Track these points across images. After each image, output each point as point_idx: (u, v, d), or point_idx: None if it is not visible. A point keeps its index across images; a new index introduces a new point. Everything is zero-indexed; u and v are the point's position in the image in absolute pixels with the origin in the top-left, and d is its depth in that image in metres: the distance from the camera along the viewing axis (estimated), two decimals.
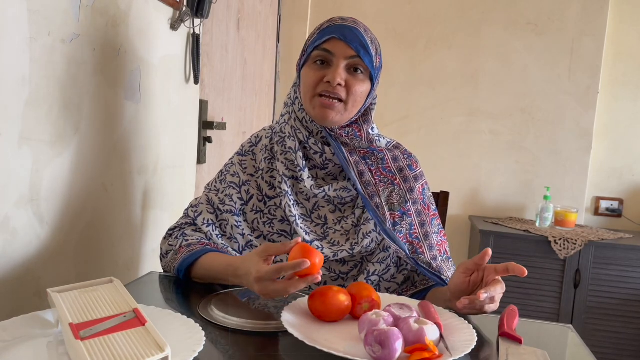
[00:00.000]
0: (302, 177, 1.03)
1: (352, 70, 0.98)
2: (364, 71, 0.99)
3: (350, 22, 1.00)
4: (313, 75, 0.99)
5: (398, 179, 1.06)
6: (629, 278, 2.26)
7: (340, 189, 1.04)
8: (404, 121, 2.74)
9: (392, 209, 1.03)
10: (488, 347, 0.77)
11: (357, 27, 0.99)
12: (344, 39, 0.96)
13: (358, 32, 0.98)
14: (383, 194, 1.03)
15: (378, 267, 1.02)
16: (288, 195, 1.03)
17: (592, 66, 2.56)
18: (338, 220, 1.04)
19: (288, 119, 1.06)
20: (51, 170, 0.99)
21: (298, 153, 1.03)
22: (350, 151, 1.04)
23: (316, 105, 0.99)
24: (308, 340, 0.67)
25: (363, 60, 0.97)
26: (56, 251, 1.02)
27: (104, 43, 1.11)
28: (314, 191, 1.03)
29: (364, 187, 1.03)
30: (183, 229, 1.08)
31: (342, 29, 0.97)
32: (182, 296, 0.95)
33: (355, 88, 0.98)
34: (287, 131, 1.05)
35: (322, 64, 0.99)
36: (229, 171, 1.11)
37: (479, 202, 2.72)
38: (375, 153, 1.06)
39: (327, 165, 1.04)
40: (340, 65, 0.97)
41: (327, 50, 0.97)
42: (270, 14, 2.44)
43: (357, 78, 0.99)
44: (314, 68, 0.99)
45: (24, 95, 0.90)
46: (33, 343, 0.68)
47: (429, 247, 1.05)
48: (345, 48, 0.97)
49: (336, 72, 0.96)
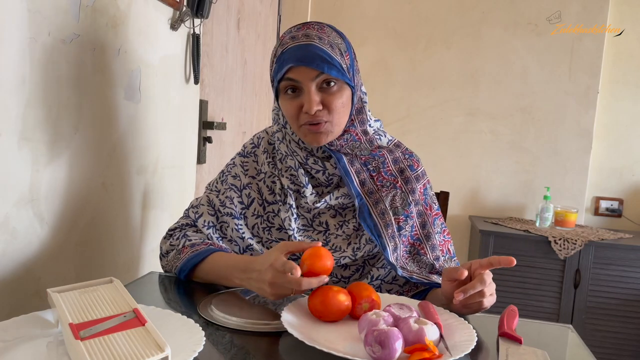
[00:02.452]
0: (305, 194, 1.02)
1: (324, 85, 0.94)
2: (337, 80, 0.94)
3: (302, 39, 0.93)
4: (290, 107, 0.96)
5: (399, 181, 1.05)
6: (629, 278, 2.26)
7: (341, 195, 1.03)
8: (404, 121, 2.74)
9: (397, 213, 1.02)
10: (488, 347, 0.77)
11: (311, 40, 0.92)
12: (301, 63, 0.91)
13: (313, 48, 0.91)
14: (386, 198, 1.03)
15: (382, 272, 1.02)
16: (292, 208, 1.03)
17: (592, 66, 2.56)
18: (339, 225, 1.04)
19: (282, 137, 1.04)
20: (51, 170, 0.99)
21: (299, 170, 1.02)
22: (351, 159, 1.03)
23: (305, 133, 0.97)
24: (308, 340, 0.67)
25: (330, 74, 0.92)
26: (56, 251, 1.02)
27: (104, 43, 1.11)
28: (316, 205, 1.02)
29: (367, 195, 1.02)
30: (184, 229, 1.07)
31: (295, 52, 0.92)
32: (182, 296, 0.95)
33: (333, 105, 0.94)
34: (283, 150, 1.04)
35: (293, 91, 0.95)
36: (230, 172, 1.10)
37: (479, 202, 2.72)
38: (376, 158, 1.05)
39: (331, 181, 1.03)
40: (311, 89, 0.92)
41: (291, 79, 0.93)
42: (270, 14, 2.44)
43: (332, 92, 0.94)
44: (288, 98, 0.96)
45: (24, 96, 0.90)
46: (33, 343, 0.68)
47: (431, 248, 1.04)
48: (307, 71, 0.91)
49: (309, 100, 0.92)
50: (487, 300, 0.82)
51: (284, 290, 0.81)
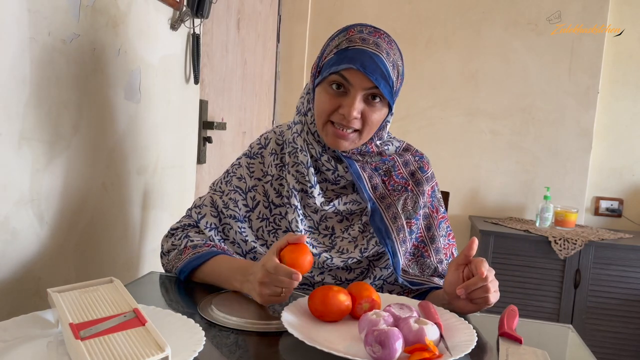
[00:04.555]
0: (313, 194, 1.01)
1: (369, 98, 0.93)
2: (383, 99, 0.93)
3: (371, 47, 0.91)
4: (328, 101, 0.93)
5: (411, 184, 1.04)
6: (629, 278, 2.26)
7: (350, 202, 1.02)
8: (404, 121, 2.73)
9: (409, 217, 1.02)
10: (488, 347, 0.77)
11: (379, 52, 0.91)
12: (363, 70, 0.89)
13: (379, 60, 0.90)
14: (398, 202, 1.02)
15: (385, 272, 1.02)
16: (297, 209, 1.01)
17: (592, 66, 2.56)
18: (345, 229, 1.03)
19: (300, 130, 1.01)
20: (51, 170, 0.99)
21: (310, 169, 1.00)
22: (363, 165, 1.02)
23: (329, 132, 0.95)
24: (308, 340, 0.67)
25: (382, 92, 0.91)
26: (56, 251, 1.02)
27: (104, 43, 1.11)
28: (324, 207, 1.01)
29: (379, 200, 1.01)
30: (186, 229, 1.06)
31: (362, 56, 0.89)
32: (182, 296, 0.95)
33: (371, 118, 0.93)
34: (299, 144, 1.01)
35: (338, 88, 0.93)
36: (235, 173, 1.08)
37: (479, 202, 2.72)
38: (387, 162, 1.05)
39: (339, 181, 1.02)
40: (357, 97, 0.91)
41: (344, 78, 0.91)
42: (270, 14, 2.44)
43: (375, 107, 0.93)
44: (329, 92, 0.94)
45: (24, 96, 0.90)
46: (33, 343, 0.68)
47: (435, 251, 1.04)
48: (363, 79, 0.90)
49: (352, 106, 0.91)
50: (492, 296, 0.82)
51: (273, 289, 0.81)
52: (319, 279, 1.01)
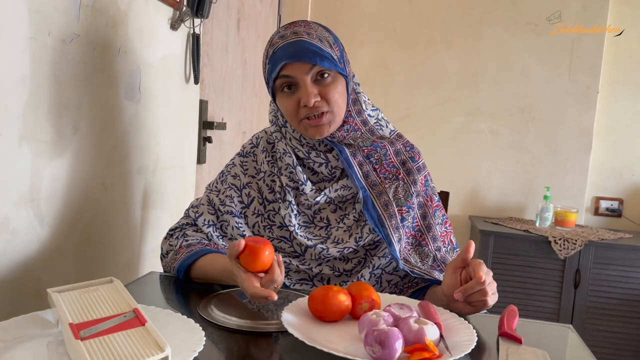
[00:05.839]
0: (305, 191, 1.03)
1: (319, 78, 0.96)
2: (330, 71, 0.96)
3: (291, 37, 0.95)
4: (288, 103, 0.97)
5: (402, 172, 1.06)
6: (629, 278, 2.26)
7: (341, 187, 1.04)
8: (404, 121, 2.73)
9: (400, 205, 1.03)
10: (488, 347, 0.77)
11: (300, 36, 0.95)
12: (294, 59, 0.93)
13: (303, 43, 0.94)
14: (389, 190, 1.03)
15: (383, 262, 1.02)
16: (292, 205, 1.03)
17: (592, 66, 2.56)
18: (340, 219, 1.05)
19: (281, 137, 1.06)
20: (51, 170, 0.99)
21: (297, 168, 1.03)
22: (354, 152, 1.03)
23: (306, 127, 0.98)
24: (308, 340, 0.67)
25: (323, 66, 0.94)
26: (56, 251, 1.02)
27: (104, 43, 1.11)
28: (316, 199, 1.03)
29: (370, 187, 1.03)
30: (184, 229, 1.08)
31: (286, 49, 0.94)
32: (182, 296, 0.95)
33: (330, 95, 0.96)
34: (281, 148, 1.05)
35: (289, 88, 0.97)
36: (229, 172, 1.11)
37: (479, 202, 2.72)
38: (378, 150, 1.06)
39: (334, 174, 1.04)
40: (307, 83, 0.94)
41: (286, 76, 0.95)
42: (270, 14, 2.44)
43: (327, 83, 0.96)
44: (285, 96, 0.98)
45: (24, 95, 0.90)
46: (33, 343, 0.68)
47: (433, 239, 1.05)
48: (300, 66, 0.94)
49: (306, 92, 0.94)
50: (490, 298, 0.82)
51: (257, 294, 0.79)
52: (317, 270, 1.03)
